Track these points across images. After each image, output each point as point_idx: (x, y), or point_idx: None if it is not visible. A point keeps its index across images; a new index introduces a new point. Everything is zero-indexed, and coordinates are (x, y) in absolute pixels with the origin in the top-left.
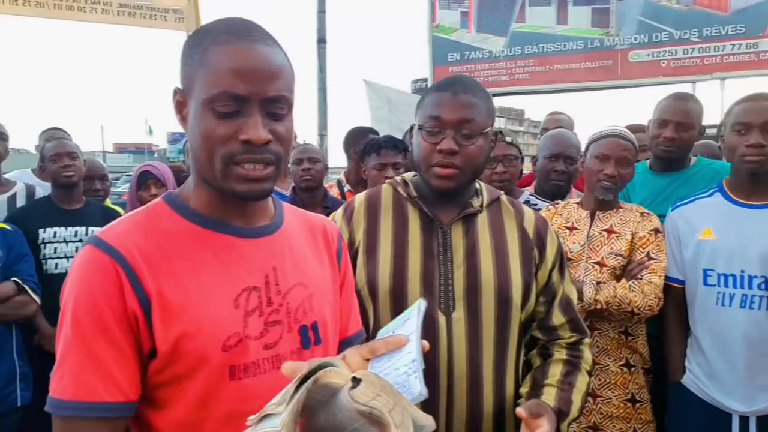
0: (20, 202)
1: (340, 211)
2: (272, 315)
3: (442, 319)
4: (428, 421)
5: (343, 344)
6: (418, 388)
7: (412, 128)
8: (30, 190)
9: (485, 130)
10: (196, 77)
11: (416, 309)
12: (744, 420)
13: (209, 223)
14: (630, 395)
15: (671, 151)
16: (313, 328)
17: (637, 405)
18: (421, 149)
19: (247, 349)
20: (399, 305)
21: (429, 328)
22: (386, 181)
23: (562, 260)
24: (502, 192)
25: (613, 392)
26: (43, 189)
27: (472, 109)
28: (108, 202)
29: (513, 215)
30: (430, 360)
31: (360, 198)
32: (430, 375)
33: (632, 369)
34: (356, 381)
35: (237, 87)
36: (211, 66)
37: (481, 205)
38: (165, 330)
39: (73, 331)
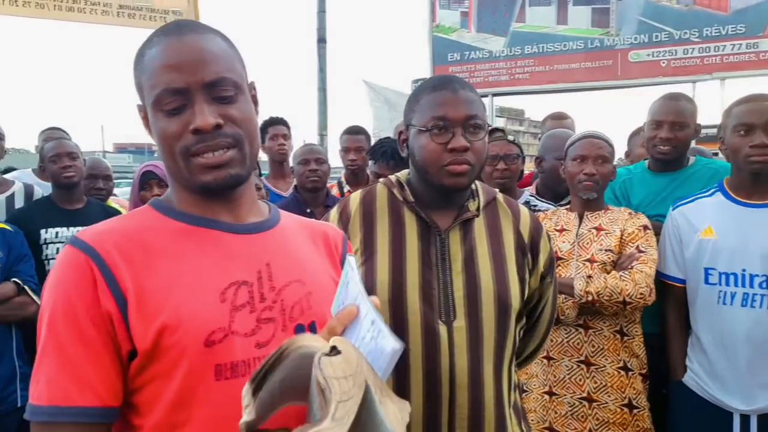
0: (18, 202)
1: (335, 214)
2: (265, 312)
3: (443, 329)
4: (398, 427)
5: None
6: (389, 346)
7: (401, 133)
8: (28, 190)
9: (486, 125)
10: (143, 85)
11: (348, 269)
12: (745, 418)
13: (196, 221)
14: (627, 400)
15: (668, 152)
16: (311, 328)
17: (635, 411)
18: (428, 151)
19: (233, 346)
20: (398, 316)
21: (430, 339)
22: (380, 180)
23: (552, 266)
24: (498, 191)
25: (609, 396)
26: (43, 189)
27: (473, 105)
28: (110, 202)
29: (510, 217)
30: (431, 370)
31: (355, 203)
32: (432, 384)
33: (630, 373)
34: (334, 350)
35: (173, 81)
36: (149, 69)
37: (478, 208)
38: (144, 326)
39: (48, 334)
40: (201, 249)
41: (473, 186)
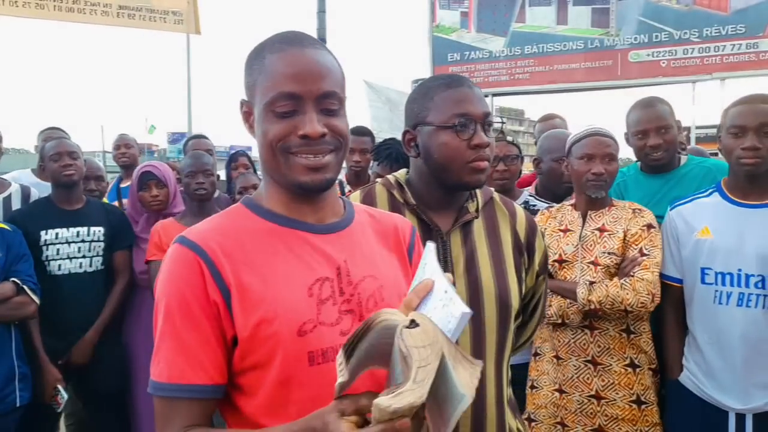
0: (15, 203)
1: None
2: (344, 304)
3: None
4: (468, 390)
5: None
6: (459, 311)
7: (406, 133)
8: (25, 192)
9: (497, 122)
10: (257, 85)
11: (427, 252)
12: (740, 417)
13: (284, 221)
14: (635, 396)
15: (661, 157)
16: None
17: (643, 407)
18: (452, 148)
19: (322, 335)
20: None
21: None
22: (378, 181)
23: (546, 265)
24: (493, 190)
25: (617, 393)
26: (41, 189)
27: (486, 102)
28: (105, 200)
29: (507, 217)
30: None
31: (355, 202)
32: None
33: (637, 369)
34: (414, 323)
35: (291, 87)
36: (268, 72)
37: (477, 209)
38: (245, 317)
39: (165, 322)
40: (289, 248)
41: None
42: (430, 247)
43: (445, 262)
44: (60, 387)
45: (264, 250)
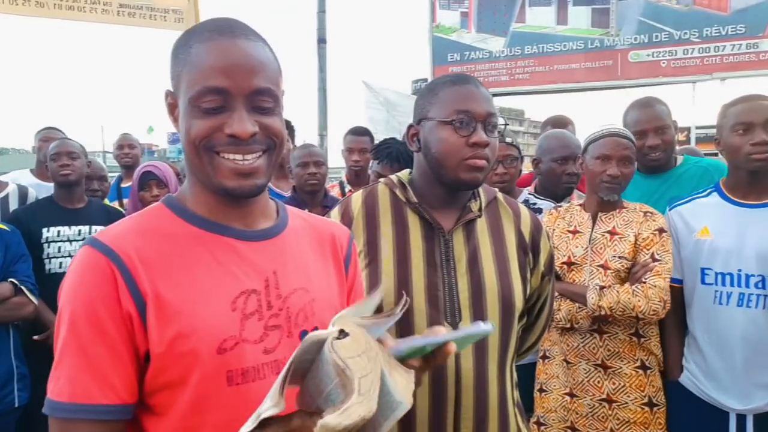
0: (12, 203)
1: (336, 216)
2: (272, 319)
3: (448, 331)
4: (405, 398)
5: None
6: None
7: (410, 127)
8: (22, 191)
9: (501, 124)
10: (182, 76)
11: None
12: (741, 418)
13: (209, 226)
14: (647, 399)
15: (659, 157)
16: None
17: (655, 409)
18: (449, 143)
19: (244, 353)
20: (403, 319)
21: None
22: (381, 180)
23: (552, 265)
24: (497, 190)
25: (629, 396)
26: (41, 189)
27: (492, 103)
28: (106, 202)
29: (511, 217)
30: (437, 372)
31: (357, 203)
32: (437, 386)
33: (648, 371)
34: (343, 333)
35: (219, 81)
36: (194, 63)
37: (480, 209)
38: (160, 331)
39: (69, 332)
40: (214, 256)
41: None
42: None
43: (448, 261)
44: None
45: (185, 257)
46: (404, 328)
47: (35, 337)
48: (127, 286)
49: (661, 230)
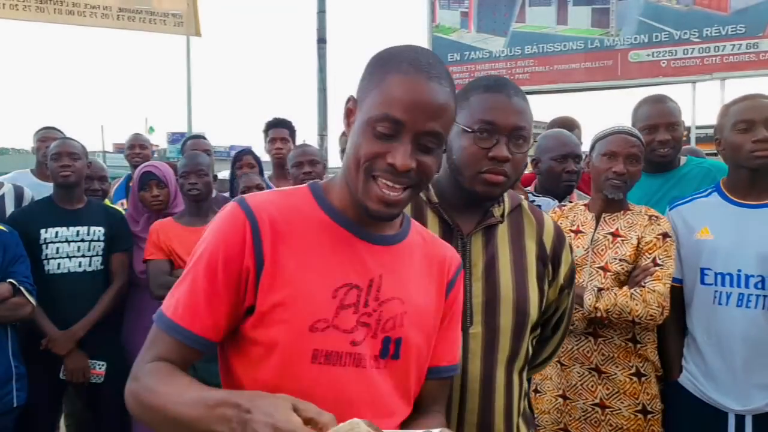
0: (8, 203)
1: None
2: (364, 317)
3: None
4: None
5: (433, 371)
6: None
7: None
8: (18, 191)
9: (530, 139)
10: (370, 95)
11: None
12: (740, 418)
13: (338, 218)
14: (641, 406)
15: (668, 153)
16: (396, 343)
17: (650, 416)
18: (468, 153)
19: (332, 338)
20: None
21: None
22: None
23: (572, 279)
24: (523, 198)
25: (622, 402)
26: (41, 189)
27: (524, 116)
28: (107, 202)
29: (534, 226)
30: None
31: None
32: None
33: (643, 378)
34: None
35: (399, 114)
36: (385, 89)
37: (502, 214)
38: (267, 293)
39: (194, 264)
40: (333, 246)
41: (497, 200)
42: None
43: (464, 265)
44: (92, 361)
45: (309, 239)
46: None
47: (42, 347)
48: (254, 245)
49: (665, 235)
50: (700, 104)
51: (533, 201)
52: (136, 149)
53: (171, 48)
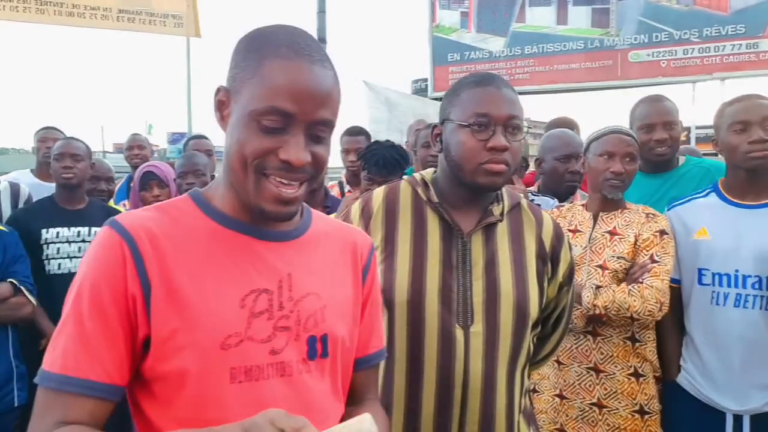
0: (5, 200)
1: (357, 209)
2: (282, 320)
3: (459, 333)
4: None
5: (362, 362)
6: None
7: (434, 128)
8: (14, 189)
9: (524, 127)
10: (247, 85)
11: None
12: (738, 418)
13: (228, 223)
14: (638, 406)
15: (666, 152)
16: (322, 340)
17: (647, 417)
18: (467, 147)
19: (248, 351)
20: (415, 318)
21: (446, 342)
22: (404, 178)
23: (572, 276)
24: (522, 196)
25: (620, 403)
26: (41, 189)
27: (516, 105)
28: (111, 203)
29: (533, 224)
30: (445, 373)
31: (378, 199)
32: (444, 388)
33: (641, 379)
34: None
35: (288, 105)
36: (266, 79)
37: (502, 213)
38: (163, 318)
39: (73, 305)
40: (228, 253)
41: (498, 191)
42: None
43: (464, 263)
44: None
45: (199, 251)
46: (415, 327)
47: (41, 347)
48: (137, 268)
49: (662, 232)
50: (700, 104)
51: (533, 200)
52: (135, 150)
53: (171, 49)
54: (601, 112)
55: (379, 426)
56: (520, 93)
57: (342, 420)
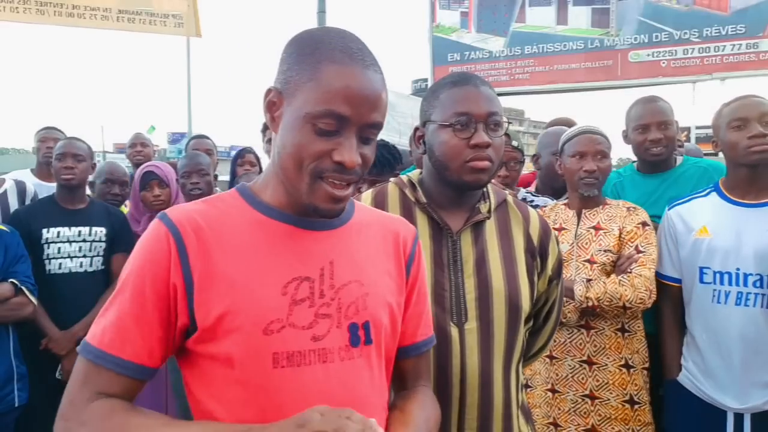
0: (11, 199)
1: None
2: (323, 308)
3: (454, 331)
4: None
5: (411, 349)
6: None
7: (416, 130)
8: (20, 188)
9: (504, 123)
10: (303, 88)
11: None
12: (738, 417)
13: (273, 213)
14: (629, 396)
15: (661, 152)
16: (365, 327)
17: (636, 407)
18: (450, 147)
19: (290, 337)
20: None
21: (441, 341)
22: (391, 180)
23: (560, 269)
24: (508, 193)
25: (611, 393)
26: (41, 189)
27: (494, 102)
28: (123, 208)
29: (520, 220)
30: (443, 371)
31: (367, 202)
32: (442, 385)
33: (631, 370)
34: None
35: (344, 109)
36: (323, 83)
37: (489, 210)
38: (207, 308)
39: (120, 288)
40: (272, 242)
41: (484, 188)
42: None
43: (455, 262)
44: None
45: (243, 240)
46: None
47: (42, 347)
48: (180, 260)
49: (644, 223)
50: (700, 104)
51: (531, 201)
52: (138, 147)
53: (171, 49)
54: (601, 112)
55: (429, 413)
56: (520, 93)
57: (389, 406)
